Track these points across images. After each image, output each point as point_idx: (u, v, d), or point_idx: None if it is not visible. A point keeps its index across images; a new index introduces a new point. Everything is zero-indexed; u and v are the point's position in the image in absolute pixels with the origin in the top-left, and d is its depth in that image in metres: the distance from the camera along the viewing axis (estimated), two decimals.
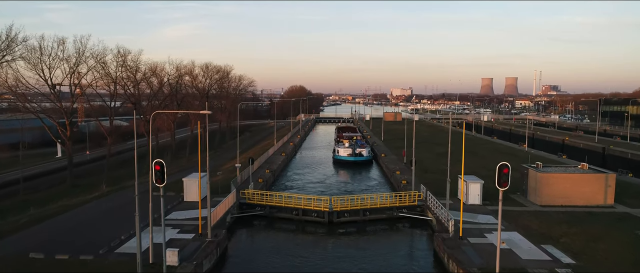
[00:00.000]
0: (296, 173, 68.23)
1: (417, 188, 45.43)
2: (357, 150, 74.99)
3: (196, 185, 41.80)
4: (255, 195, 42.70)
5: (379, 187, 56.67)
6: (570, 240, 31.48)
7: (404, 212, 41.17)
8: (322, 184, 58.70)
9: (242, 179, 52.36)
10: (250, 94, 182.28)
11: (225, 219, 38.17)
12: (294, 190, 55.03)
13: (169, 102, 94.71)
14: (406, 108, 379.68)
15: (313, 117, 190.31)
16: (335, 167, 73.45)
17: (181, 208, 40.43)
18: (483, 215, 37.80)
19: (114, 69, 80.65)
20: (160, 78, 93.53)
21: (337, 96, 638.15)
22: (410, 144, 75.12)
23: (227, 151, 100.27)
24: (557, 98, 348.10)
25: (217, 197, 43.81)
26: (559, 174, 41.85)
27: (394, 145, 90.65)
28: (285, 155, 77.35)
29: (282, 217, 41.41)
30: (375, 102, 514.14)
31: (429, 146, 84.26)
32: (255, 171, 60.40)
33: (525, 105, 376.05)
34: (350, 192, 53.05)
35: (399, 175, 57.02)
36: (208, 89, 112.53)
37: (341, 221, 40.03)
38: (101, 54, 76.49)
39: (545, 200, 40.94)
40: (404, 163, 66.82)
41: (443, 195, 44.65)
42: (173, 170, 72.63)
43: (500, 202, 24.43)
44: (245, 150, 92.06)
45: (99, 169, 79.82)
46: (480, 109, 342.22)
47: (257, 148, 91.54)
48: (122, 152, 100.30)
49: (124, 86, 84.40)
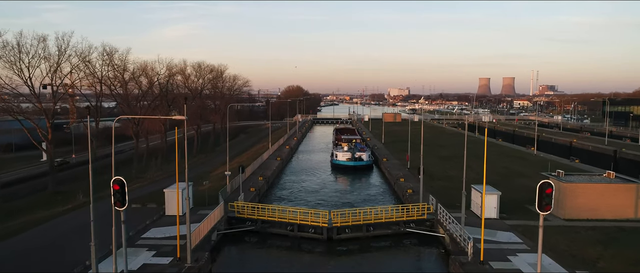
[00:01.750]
0: (292, 180, 63.74)
1: (426, 199, 41.07)
2: (356, 154, 70.57)
3: (180, 196, 37.35)
4: (246, 208, 38.23)
5: (381, 196, 52.24)
6: (609, 264, 27.19)
7: (412, 228, 36.80)
8: (320, 193, 54.00)
9: (232, 188, 47.87)
10: (247, 94, 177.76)
11: (210, 237, 33.71)
12: (289, 200, 50.56)
13: (159, 103, 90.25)
14: (404, 108, 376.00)
15: (310, 118, 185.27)
16: (333, 173, 69.02)
17: (162, 224, 35.91)
18: (503, 233, 33.44)
19: (100, 68, 76.48)
20: (150, 78, 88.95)
21: (335, 96, 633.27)
22: (415, 148, 71.15)
23: (220, 154, 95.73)
24: (556, 98, 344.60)
25: (203, 209, 39.39)
26: (584, 184, 37.58)
27: (395, 148, 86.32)
28: (280, 159, 72.88)
29: (275, 232, 36.97)
30: (373, 102, 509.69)
31: (432, 149, 79.84)
32: (247, 178, 55.96)
33: (524, 105, 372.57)
34: (351, 203, 48.59)
35: (403, 182, 52.65)
36: (201, 88, 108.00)
37: (342, 238, 35.63)
38: (85, 51, 72.08)
39: (570, 214, 36.67)
40: (407, 169, 62.49)
41: (454, 206, 40.41)
42: (160, 177, 68.07)
43: (541, 229, 19.91)
44: (239, 154, 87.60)
45: (86, 173, 75.34)
46: (478, 109, 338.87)
47: (251, 151, 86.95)
48: (110, 156, 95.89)
49: (111, 86, 79.93)
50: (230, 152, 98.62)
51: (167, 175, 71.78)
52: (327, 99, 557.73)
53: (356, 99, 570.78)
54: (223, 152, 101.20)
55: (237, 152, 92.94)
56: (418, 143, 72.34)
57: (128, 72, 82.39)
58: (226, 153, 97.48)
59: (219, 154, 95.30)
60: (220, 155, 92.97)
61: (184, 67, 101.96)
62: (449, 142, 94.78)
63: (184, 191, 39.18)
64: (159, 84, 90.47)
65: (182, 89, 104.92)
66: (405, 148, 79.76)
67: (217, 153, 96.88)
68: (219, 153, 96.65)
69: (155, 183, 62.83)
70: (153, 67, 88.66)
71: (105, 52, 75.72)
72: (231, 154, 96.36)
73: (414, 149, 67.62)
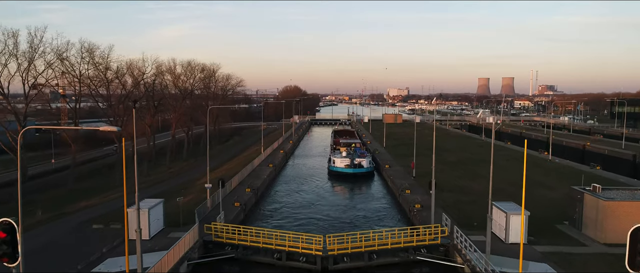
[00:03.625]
0: (284, 191, 57.42)
1: (438, 217, 35.08)
2: (356, 161, 64.53)
3: (144, 217, 31.32)
4: (225, 231, 32.16)
5: (385, 212, 46.06)
6: None
7: (424, 255, 30.79)
8: (314, 208, 47.37)
9: (214, 203, 41.78)
10: (242, 94, 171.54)
11: (178, 270, 27.65)
12: (278, 217, 44.31)
13: (145, 104, 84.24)
14: (404, 108, 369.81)
15: (308, 119, 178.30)
16: (330, 181, 62.96)
17: (121, 252, 29.68)
18: (536, 264, 27.51)
19: (78, 66, 70.49)
20: (135, 77, 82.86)
21: (334, 96, 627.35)
22: (418, 152, 65.43)
23: (212, 158, 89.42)
24: (557, 98, 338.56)
25: (176, 231, 33.36)
26: (628, 202, 31.59)
27: (397, 152, 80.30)
28: (273, 166, 66.80)
29: (259, 261, 30.94)
30: (372, 102, 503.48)
31: (437, 153, 73.67)
32: (234, 189, 49.92)
33: (524, 105, 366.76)
34: (349, 221, 42.28)
35: (409, 195, 46.60)
36: (191, 88, 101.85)
37: (339, 269, 29.63)
38: (62, 48, 66.34)
39: (612, 237, 30.70)
40: (413, 178, 56.49)
41: (471, 226, 34.53)
42: (142, 185, 62.01)
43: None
44: (229, 159, 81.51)
45: (60, 182, 69.44)
46: (479, 109, 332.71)
47: (242, 157, 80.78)
48: (95, 159, 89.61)
49: (90, 85, 73.88)
50: (221, 157, 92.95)
51: (151, 183, 65.84)
52: (326, 99, 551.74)
53: (355, 99, 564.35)
54: (214, 157, 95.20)
55: (227, 157, 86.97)
56: (421, 147, 66.92)
57: (111, 71, 76.36)
58: (219, 156, 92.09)
59: (212, 158, 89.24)
60: (215, 159, 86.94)
61: (173, 66, 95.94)
62: (454, 146, 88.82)
63: (153, 210, 33.29)
64: (144, 83, 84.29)
65: (172, 88, 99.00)
66: (408, 152, 73.88)
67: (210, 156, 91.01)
68: (213, 157, 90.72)
69: (134, 193, 56.85)
70: (139, 66, 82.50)
71: (84, 49, 69.73)
72: (221, 159, 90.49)
73: (418, 154, 61.67)
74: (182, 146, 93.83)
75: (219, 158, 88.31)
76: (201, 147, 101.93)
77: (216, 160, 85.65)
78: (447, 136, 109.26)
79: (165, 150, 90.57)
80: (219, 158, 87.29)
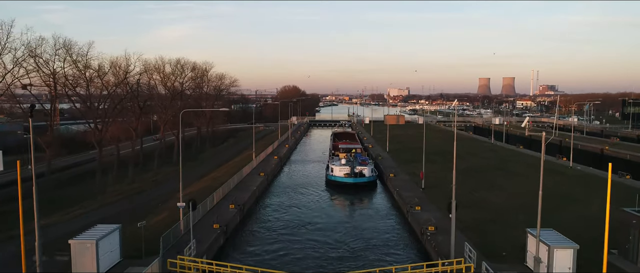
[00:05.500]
0: (275, 205, 50.36)
1: (458, 247, 28.59)
2: (357, 169, 57.98)
3: (91, 250, 24.84)
4: (193, 269, 25.67)
5: (392, 236, 39.14)
6: None
7: None
8: (308, 230, 40.51)
9: (196, 219, 35.10)
10: (239, 94, 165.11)
11: None
12: (264, 242, 37.45)
13: (130, 105, 77.84)
14: (405, 108, 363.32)
15: (307, 120, 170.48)
16: (328, 192, 56.41)
17: None
18: None
19: (53, 63, 64.23)
20: (118, 76, 76.40)
21: (334, 96, 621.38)
22: (427, 159, 58.96)
23: (203, 163, 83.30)
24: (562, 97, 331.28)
25: (135, 266, 26.90)
26: None
27: (402, 158, 73.78)
28: (264, 175, 60.31)
29: None
30: (373, 102, 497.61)
31: (445, 159, 67.45)
32: (216, 205, 43.38)
33: (527, 106, 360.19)
34: (350, 249, 35.34)
35: (420, 212, 40.13)
36: (181, 88, 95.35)
37: None
38: (34, 44, 60.27)
39: None
40: (421, 190, 50.03)
41: (497, 255, 28.30)
42: (120, 197, 55.61)
43: None
44: (218, 166, 74.86)
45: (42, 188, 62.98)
46: (481, 110, 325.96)
47: (231, 163, 74.21)
48: (77, 165, 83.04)
49: (66, 84, 67.47)
50: (211, 162, 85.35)
51: (133, 191, 59.43)
52: (325, 99, 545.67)
53: (355, 99, 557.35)
54: (206, 160, 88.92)
55: (217, 162, 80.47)
56: (427, 152, 60.00)
57: (92, 69, 70.05)
58: (210, 162, 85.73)
59: (201, 163, 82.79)
60: (203, 165, 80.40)
61: (161, 65, 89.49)
62: (464, 150, 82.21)
63: (104, 241, 26.73)
64: (126, 83, 77.75)
65: (161, 88, 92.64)
66: (413, 158, 67.45)
67: (199, 162, 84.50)
68: (202, 162, 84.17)
69: (107, 206, 50.36)
70: (120, 65, 76.00)
71: (59, 45, 63.49)
72: (211, 165, 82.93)
73: (421, 158, 54.96)
74: (173, 149, 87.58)
75: (209, 163, 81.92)
76: (193, 150, 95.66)
77: (206, 165, 79.24)
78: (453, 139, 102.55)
79: (154, 153, 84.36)
80: (209, 164, 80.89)
